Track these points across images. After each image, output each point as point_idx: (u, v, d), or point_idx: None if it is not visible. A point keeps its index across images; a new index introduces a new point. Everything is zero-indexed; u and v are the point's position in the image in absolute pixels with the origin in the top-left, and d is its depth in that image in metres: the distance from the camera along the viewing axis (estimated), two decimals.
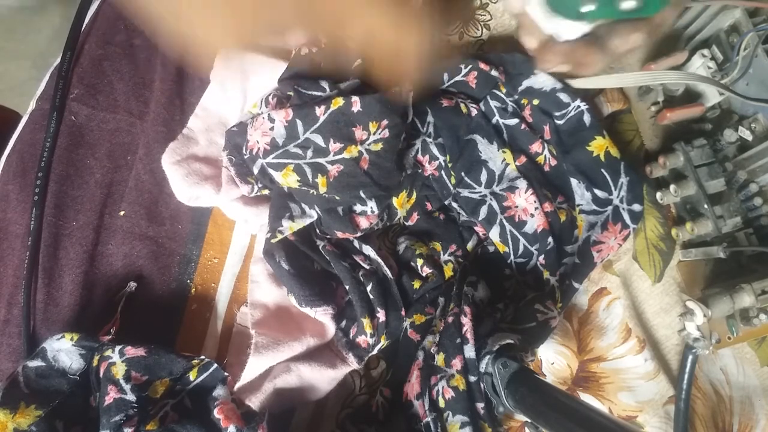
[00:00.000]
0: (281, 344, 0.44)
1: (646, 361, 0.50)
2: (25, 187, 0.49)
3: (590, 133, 0.49)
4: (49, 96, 0.51)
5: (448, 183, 0.50)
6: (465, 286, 0.46)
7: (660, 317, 0.52)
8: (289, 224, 0.45)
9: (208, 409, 0.42)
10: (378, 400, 0.47)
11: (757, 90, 0.47)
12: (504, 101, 0.50)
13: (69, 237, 0.49)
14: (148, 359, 0.43)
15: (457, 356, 0.43)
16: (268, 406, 0.44)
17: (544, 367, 0.50)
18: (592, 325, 0.51)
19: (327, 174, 0.44)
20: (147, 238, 0.49)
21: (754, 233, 0.49)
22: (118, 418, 0.40)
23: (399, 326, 0.47)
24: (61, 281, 0.48)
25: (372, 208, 0.46)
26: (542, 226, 0.47)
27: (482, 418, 0.43)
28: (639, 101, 0.54)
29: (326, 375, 0.45)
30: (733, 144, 0.49)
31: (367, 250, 0.48)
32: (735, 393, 0.52)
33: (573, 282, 0.49)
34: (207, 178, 0.48)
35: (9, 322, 0.47)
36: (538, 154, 0.50)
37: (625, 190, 0.48)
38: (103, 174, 0.51)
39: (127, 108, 0.52)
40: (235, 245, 0.51)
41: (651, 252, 0.52)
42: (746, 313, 0.46)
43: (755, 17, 0.46)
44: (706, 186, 0.47)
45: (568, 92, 0.49)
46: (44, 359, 0.43)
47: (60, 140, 0.50)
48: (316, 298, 0.45)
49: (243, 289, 0.50)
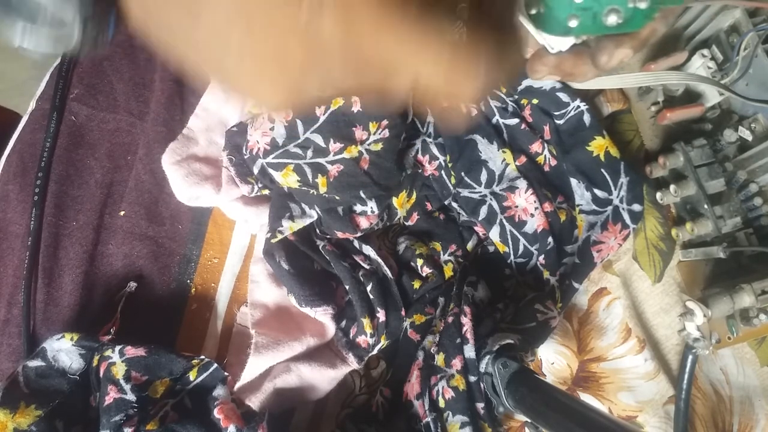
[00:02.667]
0: (281, 344, 0.44)
1: (646, 361, 0.50)
2: (25, 187, 0.49)
3: (590, 133, 0.49)
4: (49, 96, 0.51)
5: (448, 183, 0.50)
6: (465, 286, 0.46)
7: (660, 317, 0.52)
8: (289, 224, 0.45)
9: (208, 409, 0.42)
10: (378, 400, 0.47)
11: (757, 90, 0.47)
12: (504, 101, 0.50)
13: (69, 237, 0.49)
14: (148, 359, 0.43)
15: (457, 356, 0.43)
16: (268, 406, 0.44)
17: (544, 367, 0.50)
18: (592, 325, 0.51)
19: (327, 174, 0.44)
20: (147, 238, 0.49)
21: (754, 233, 0.49)
22: (118, 418, 0.40)
23: (399, 326, 0.47)
24: (61, 281, 0.48)
25: (372, 208, 0.46)
26: (542, 226, 0.47)
27: (482, 418, 0.43)
28: (639, 101, 0.54)
29: (326, 375, 0.45)
30: (733, 144, 0.49)
31: (367, 250, 0.48)
32: (735, 393, 0.52)
33: (573, 282, 0.49)
34: (207, 178, 0.48)
35: (9, 322, 0.47)
36: (538, 154, 0.50)
37: (625, 190, 0.48)
38: (103, 174, 0.51)
39: (127, 108, 0.52)
40: (235, 245, 0.51)
41: (651, 252, 0.52)
42: (746, 313, 0.46)
43: (755, 17, 0.46)
44: (706, 186, 0.47)
45: (567, 92, 0.49)
46: (44, 359, 0.43)
47: (60, 140, 0.50)
48: (316, 298, 0.45)
49: (243, 289, 0.50)
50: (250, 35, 0.18)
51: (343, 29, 0.17)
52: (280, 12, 0.17)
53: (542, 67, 0.28)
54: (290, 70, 0.19)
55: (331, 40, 0.18)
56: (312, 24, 0.17)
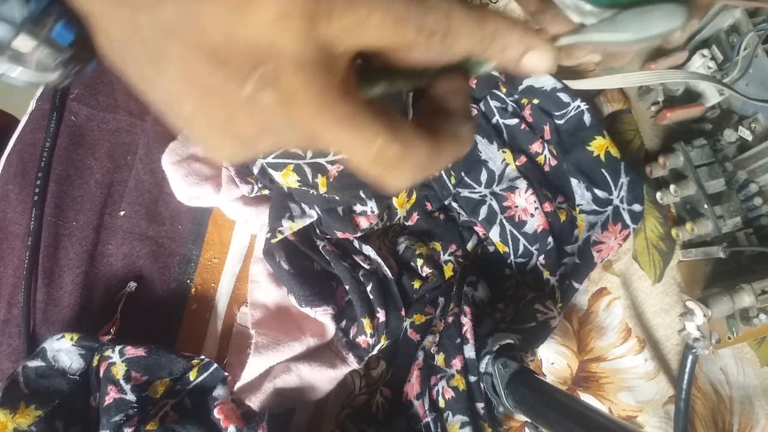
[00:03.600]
0: (281, 344, 0.44)
1: (646, 361, 0.50)
2: (25, 187, 0.49)
3: (590, 133, 0.49)
4: (49, 96, 0.51)
5: (448, 183, 0.50)
6: (465, 286, 0.46)
7: (660, 317, 0.52)
8: (289, 224, 0.45)
9: (208, 409, 0.42)
10: (378, 400, 0.47)
11: (757, 90, 0.47)
12: (504, 101, 0.50)
13: (69, 237, 0.49)
14: (148, 359, 0.43)
15: (457, 356, 0.43)
16: (268, 406, 0.44)
17: (544, 367, 0.50)
18: (592, 325, 0.51)
19: (327, 174, 0.44)
20: (147, 238, 0.49)
21: (754, 233, 0.49)
22: (118, 418, 0.40)
23: (399, 326, 0.47)
24: (61, 281, 0.48)
25: (372, 208, 0.46)
26: (542, 226, 0.47)
27: (482, 418, 0.43)
28: (639, 101, 0.54)
29: (326, 375, 0.45)
30: (733, 144, 0.49)
31: (367, 250, 0.48)
32: (735, 393, 0.52)
33: (573, 282, 0.49)
34: (207, 178, 0.48)
35: (9, 322, 0.47)
36: (538, 154, 0.50)
37: (625, 190, 0.48)
38: (103, 174, 0.51)
39: (127, 108, 0.52)
40: (235, 245, 0.51)
41: (651, 252, 0.52)
42: (746, 313, 0.46)
43: (755, 17, 0.46)
44: (706, 186, 0.47)
45: (568, 92, 0.49)
46: (44, 359, 0.43)
47: (60, 140, 0.50)
48: (316, 298, 0.45)
49: (243, 289, 0.50)
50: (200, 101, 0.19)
51: (282, 106, 0.18)
52: (225, 84, 0.18)
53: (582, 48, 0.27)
54: (238, 135, 0.20)
55: (272, 115, 0.19)
56: (254, 99, 0.18)
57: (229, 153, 0.21)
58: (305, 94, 0.18)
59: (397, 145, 0.19)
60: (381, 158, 0.20)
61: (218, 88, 0.18)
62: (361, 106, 0.19)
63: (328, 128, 0.19)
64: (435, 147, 0.21)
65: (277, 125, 0.20)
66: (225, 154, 0.22)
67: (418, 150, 0.20)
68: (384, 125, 0.19)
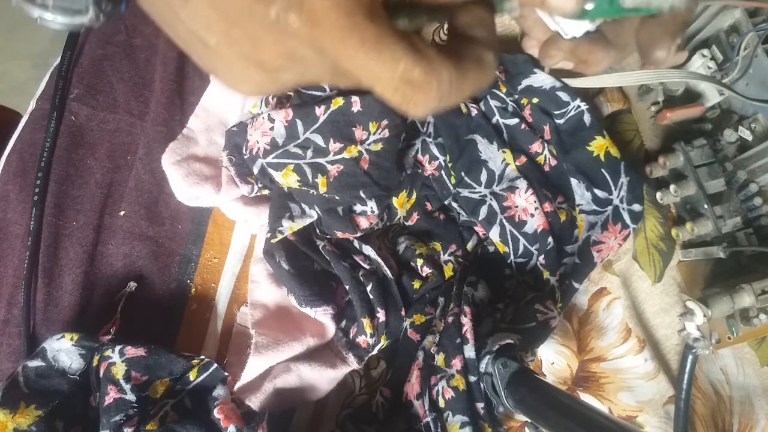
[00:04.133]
0: (281, 344, 0.44)
1: (646, 361, 0.50)
2: (25, 187, 0.49)
3: (590, 132, 0.49)
4: (49, 96, 0.51)
5: (448, 183, 0.50)
6: (465, 286, 0.46)
7: (660, 317, 0.52)
8: (289, 224, 0.45)
9: (208, 409, 0.42)
10: (378, 400, 0.47)
11: (757, 90, 0.47)
12: (504, 101, 0.50)
13: (69, 237, 0.49)
14: (148, 359, 0.43)
15: (457, 356, 0.43)
16: (268, 406, 0.44)
17: (544, 367, 0.50)
18: (592, 325, 0.51)
19: (327, 174, 0.44)
20: (147, 238, 0.49)
21: (754, 233, 0.49)
22: (118, 418, 0.40)
23: (399, 326, 0.47)
24: (61, 281, 0.48)
25: (372, 208, 0.46)
26: (542, 226, 0.47)
27: (482, 418, 0.43)
28: (639, 101, 0.54)
29: (326, 375, 0.45)
30: (733, 144, 0.49)
31: (367, 250, 0.48)
32: (735, 393, 0.52)
33: (573, 282, 0.49)
34: (207, 178, 0.48)
35: (9, 322, 0.47)
36: (538, 154, 0.50)
37: (625, 190, 0.48)
38: (103, 174, 0.51)
39: (127, 108, 0.52)
40: (235, 245, 0.51)
41: (651, 252, 0.52)
42: (746, 313, 0.46)
43: (755, 17, 0.46)
44: (706, 186, 0.47)
45: (567, 91, 0.49)
46: (44, 359, 0.43)
47: (60, 140, 0.50)
48: (316, 298, 0.45)
49: (243, 289, 0.50)
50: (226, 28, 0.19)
51: (307, 28, 0.18)
52: (251, 8, 0.18)
53: (557, 52, 0.27)
54: (263, 63, 0.20)
55: (298, 38, 0.19)
56: (280, 21, 0.18)
57: (253, 84, 0.21)
58: (331, 16, 0.18)
59: (421, 68, 0.19)
60: (405, 81, 0.19)
61: (244, 12, 0.18)
62: (386, 29, 0.19)
63: (353, 50, 0.19)
64: (459, 72, 0.21)
65: (302, 52, 0.19)
66: (249, 87, 0.22)
67: (441, 74, 0.20)
68: (409, 48, 0.19)
